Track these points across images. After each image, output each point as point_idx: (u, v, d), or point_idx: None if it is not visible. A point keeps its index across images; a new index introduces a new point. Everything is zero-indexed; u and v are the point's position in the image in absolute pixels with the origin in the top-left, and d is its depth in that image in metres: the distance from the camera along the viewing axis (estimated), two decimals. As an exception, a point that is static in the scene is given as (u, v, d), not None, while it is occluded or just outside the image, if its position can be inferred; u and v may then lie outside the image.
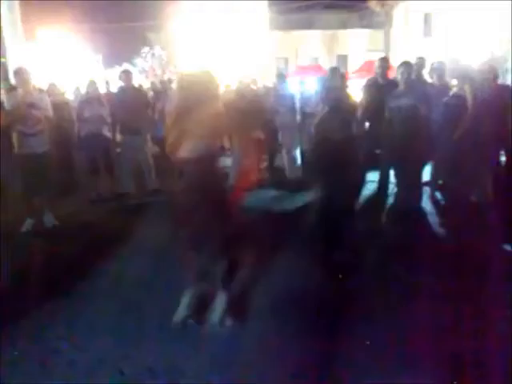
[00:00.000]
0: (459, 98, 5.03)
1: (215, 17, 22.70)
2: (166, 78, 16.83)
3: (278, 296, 3.63)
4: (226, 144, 4.50)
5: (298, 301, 3.54)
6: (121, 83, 7.17)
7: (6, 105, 5.63)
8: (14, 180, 5.69)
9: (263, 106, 4.25)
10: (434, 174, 6.47)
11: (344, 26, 28.56)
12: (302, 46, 27.52)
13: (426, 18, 20.97)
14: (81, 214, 6.09)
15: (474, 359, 2.74)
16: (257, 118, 4.15)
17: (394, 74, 5.98)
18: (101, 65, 35.10)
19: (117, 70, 6.14)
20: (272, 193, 6.77)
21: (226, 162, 8.02)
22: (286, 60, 27.78)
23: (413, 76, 5.79)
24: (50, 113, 5.49)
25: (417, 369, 2.69)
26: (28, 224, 5.42)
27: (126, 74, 7.15)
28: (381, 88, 6.15)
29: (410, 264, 4.09)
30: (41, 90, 5.55)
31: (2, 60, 18.26)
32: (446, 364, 2.73)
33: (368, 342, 2.97)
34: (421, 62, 6.75)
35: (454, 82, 5.41)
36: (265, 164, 6.06)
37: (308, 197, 5.10)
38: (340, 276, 3.94)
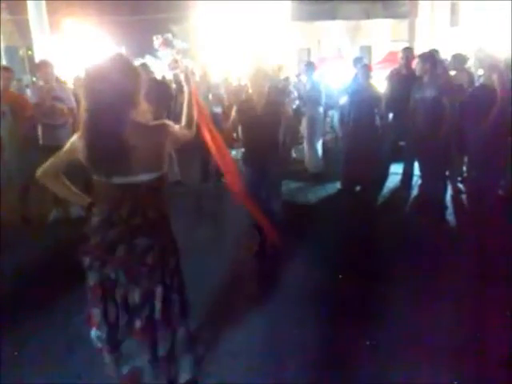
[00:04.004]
0: (486, 88, 4.89)
1: (238, 8, 22.58)
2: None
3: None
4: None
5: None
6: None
7: (31, 98, 5.70)
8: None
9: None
10: (458, 167, 6.32)
11: (367, 16, 28.09)
12: (324, 36, 27.21)
13: (453, 7, 20.42)
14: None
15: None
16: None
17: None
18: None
19: (139, 63, 6.20)
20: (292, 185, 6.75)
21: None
22: (309, 51, 27.49)
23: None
24: (74, 105, 5.53)
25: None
26: (54, 214, 5.54)
27: (144, 67, 7.12)
28: (405, 79, 6.05)
29: (432, 256, 4.04)
30: (64, 83, 5.61)
31: (29, 53, 18.54)
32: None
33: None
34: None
35: (481, 72, 5.26)
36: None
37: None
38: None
